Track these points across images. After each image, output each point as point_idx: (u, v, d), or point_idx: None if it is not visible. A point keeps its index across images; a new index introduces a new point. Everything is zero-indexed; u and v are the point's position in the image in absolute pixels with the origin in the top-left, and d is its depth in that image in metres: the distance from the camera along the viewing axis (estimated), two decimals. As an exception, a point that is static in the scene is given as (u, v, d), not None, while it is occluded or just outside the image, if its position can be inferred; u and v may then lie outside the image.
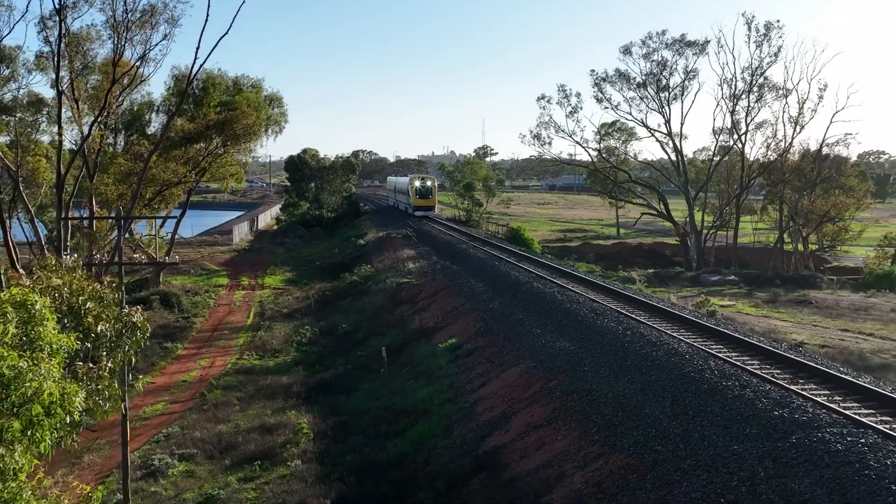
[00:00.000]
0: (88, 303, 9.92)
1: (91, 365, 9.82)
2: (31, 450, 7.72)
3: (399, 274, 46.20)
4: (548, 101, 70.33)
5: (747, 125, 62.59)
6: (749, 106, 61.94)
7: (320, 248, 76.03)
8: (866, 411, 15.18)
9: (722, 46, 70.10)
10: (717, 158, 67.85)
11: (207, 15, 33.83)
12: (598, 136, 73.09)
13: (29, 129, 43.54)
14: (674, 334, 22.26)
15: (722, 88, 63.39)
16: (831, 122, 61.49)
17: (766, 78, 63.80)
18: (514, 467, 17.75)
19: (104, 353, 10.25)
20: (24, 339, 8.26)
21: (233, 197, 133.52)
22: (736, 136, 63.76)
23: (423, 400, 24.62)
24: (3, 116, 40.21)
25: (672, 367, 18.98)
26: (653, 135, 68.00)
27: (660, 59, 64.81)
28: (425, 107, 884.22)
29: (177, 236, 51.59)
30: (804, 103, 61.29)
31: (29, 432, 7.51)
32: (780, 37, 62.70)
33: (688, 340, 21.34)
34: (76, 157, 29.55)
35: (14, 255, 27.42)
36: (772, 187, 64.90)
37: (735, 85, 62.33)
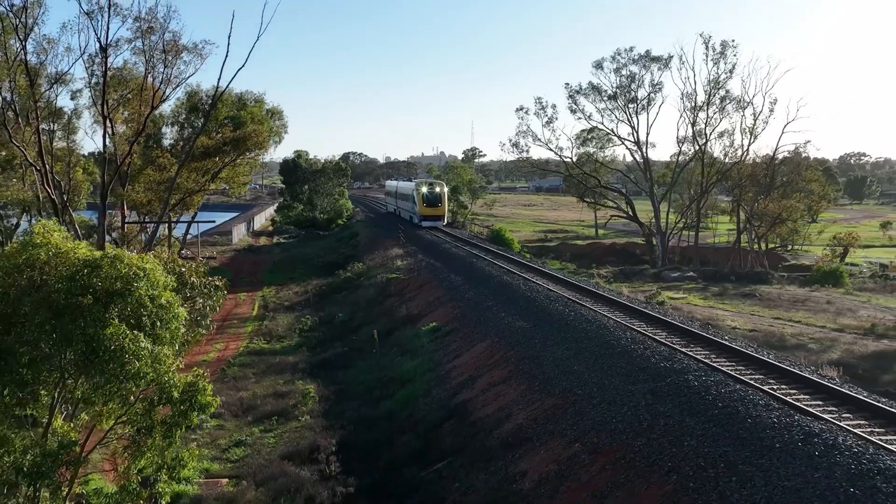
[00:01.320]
0: (182, 267, 15.26)
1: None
2: (172, 345, 13.06)
3: (388, 270, 51.66)
4: (525, 112, 75.94)
5: (707, 135, 68.43)
6: (708, 117, 67.77)
7: (315, 247, 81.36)
8: (727, 363, 20.75)
9: (683, 63, 75.04)
10: (681, 165, 73.55)
11: (228, 51, 38.96)
12: (577, 142, 78.66)
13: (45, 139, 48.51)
14: (607, 315, 27.82)
15: (683, 101, 69.11)
16: (783, 132, 67.02)
17: (727, 91, 69.50)
18: (476, 413, 23.26)
19: (199, 299, 15.66)
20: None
21: (226, 199, 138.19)
22: (697, 147, 69.55)
23: (408, 371, 30.07)
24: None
25: (599, 338, 24.54)
26: (623, 143, 73.83)
27: (628, 73, 70.54)
28: (415, 108, 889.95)
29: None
30: (759, 115, 67.06)
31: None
32: (735, 55, 68.14)
33: (616, 319, 26.92)
34: (111, 168, 34.60)
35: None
36: (730, 192, 70.67)
37: (695, 98, 68.14)
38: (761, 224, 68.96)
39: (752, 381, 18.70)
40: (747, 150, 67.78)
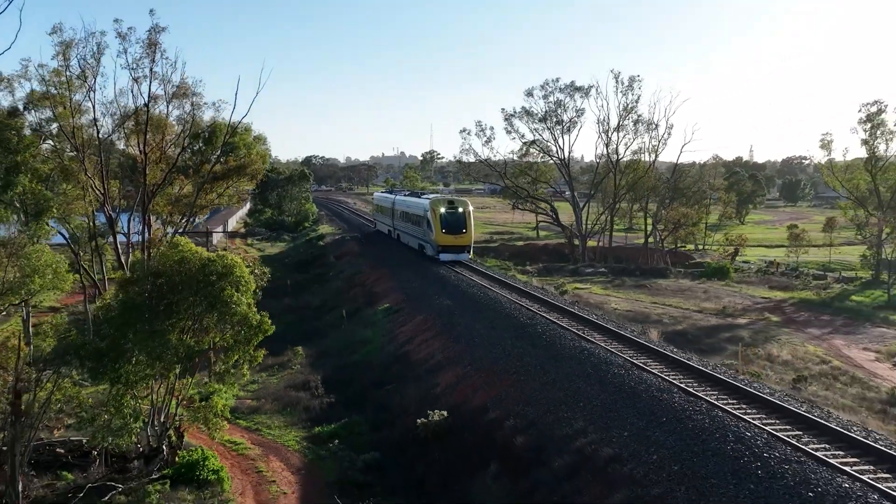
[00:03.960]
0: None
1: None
2: (249, 299, 24.97)
3: (352, 267, 63.77)
4: (468, 133, 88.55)
5: (619, 153, 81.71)
6: (619, 138, 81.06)
7: (286, 247, 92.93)
8: (567, 321, 33.38)
9: (599, 93, 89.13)
10: (598, 178, 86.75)
11: (235, 104, 50.17)
12: (520, 153, 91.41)
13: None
14: (506, 296, 40.44)
15: (599, 125, 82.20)
16: (681, 151, 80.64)
17: (639, 115, 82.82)
18: (413, 357, 35.66)
19: (255, 273, 27.46)
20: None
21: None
22: (610, 164, 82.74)
23: (368, 336, 42.35)
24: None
25: (496, 309, 37.15)
26: (551, 158, 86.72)
27: (555, 99, 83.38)
28: (376, 109, 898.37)
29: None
30: (661, 138, 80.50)
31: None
32: (640, 87, 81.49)
33: (510, 298, 39.56)
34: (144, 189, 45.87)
35: (121, 259, 43.50)
36: (636, 201, 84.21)
37: (608, 123, 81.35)
38: (664, 228, 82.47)
39: (571, 328, 31.46)
40: (650, 166, 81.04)
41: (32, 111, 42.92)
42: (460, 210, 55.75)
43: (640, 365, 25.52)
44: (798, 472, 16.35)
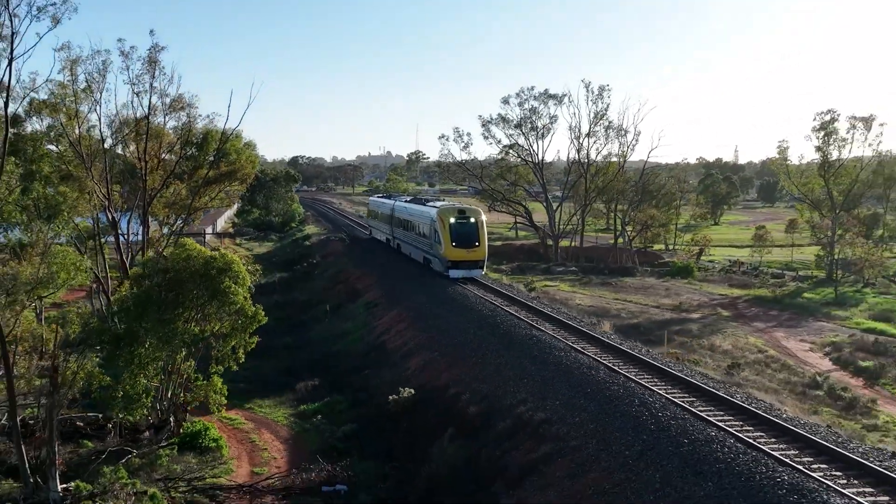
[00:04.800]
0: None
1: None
2: (245, 290, 29.11)
3: (336, 265, 67.98)
4: (446, 139, 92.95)
5: (588, 160, 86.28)
6: (589, 144, 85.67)
7: (273, 247, 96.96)
8: (525, 314, 37.76)
9: (571, 101, 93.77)
10: (570, 182, 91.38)
11: (228, 116, 54.15)
12: (500, 155, 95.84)
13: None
14: (474, 292, 44.80)
15: (571, 132, 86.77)
16: (648, 157, 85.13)
17: (609, 122, 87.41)
18: (388, 345, 39.99)
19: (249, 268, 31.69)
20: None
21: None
22: (582, 168, 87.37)
23: (349, 329, 46.64)
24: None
25: (463, 303, 41.53)
26: (527, 163, 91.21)
27: (530, 107, 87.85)
28: (362, 108, 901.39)
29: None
30: (630, 144, 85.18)
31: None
32: (609, 96, 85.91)
33: (477, 294, 43.91)
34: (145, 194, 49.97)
35: (125, 263, 47.49)
36: (607, 204, 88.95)
37: (580, 129, 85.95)
38: (633, 229, 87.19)
39: (527, 319, 35.90)
40: (619, 170, 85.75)
41: (34, 119, 46.91)
42: (472, 220, 50.45)
43: (578, 348, 29.94)
44: (681, 426, 20.80)
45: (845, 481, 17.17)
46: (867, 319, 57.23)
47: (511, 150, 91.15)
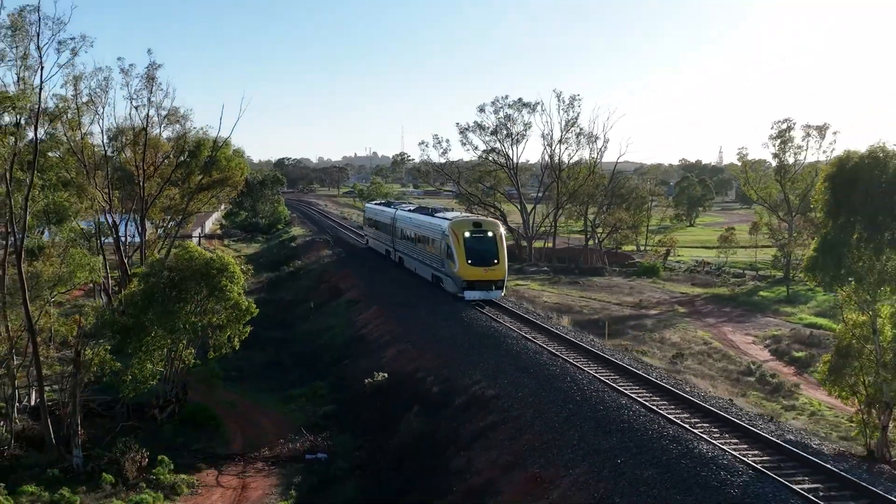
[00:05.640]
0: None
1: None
2: (239, 287, 33.43)
3: (320, 266, 72.28)
4: (426, 146, 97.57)
5: (560, 165, 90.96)
6: (561, 151, 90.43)
7: (260, 248, 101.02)
8: (495, 312, 42.23)
9: (544, 110, 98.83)
10: (544, 185, 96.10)
11: (220, 126, 58.30)
12: (480, 157, 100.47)
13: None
14: (445, 289, 49.23)
15: (544, 139, 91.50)
16: (617, 163, 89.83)
17: (581, 129, 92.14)
18: (367, 338, 44.42)
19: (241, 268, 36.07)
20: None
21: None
22: (554, 174, 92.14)
23: (332, 325, 51.01)
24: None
25: (434, 300, 45.97)
26: (502, 168, 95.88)
27: (505, 115, 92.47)
28: (348, 108, 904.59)
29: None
30: (599, 150, 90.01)
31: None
32: (580, 105, 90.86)
33: (449, 291, 48.37)
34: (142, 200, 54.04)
35: (125, 263, 51.53)
36: (577, 207, 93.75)
37: (552, 137, 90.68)
38: (602, 231, 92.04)
39: (488, 314, 40.39)
40: (588, 175, 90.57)
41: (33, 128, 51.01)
42: (490, 233, 45.53)
43: (529, 338, 34.51)
44: (600, 397, 25.36)
45: (718, 434, 21.78)
46: (811, 315, 62.09)
47: (489, 156, 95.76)
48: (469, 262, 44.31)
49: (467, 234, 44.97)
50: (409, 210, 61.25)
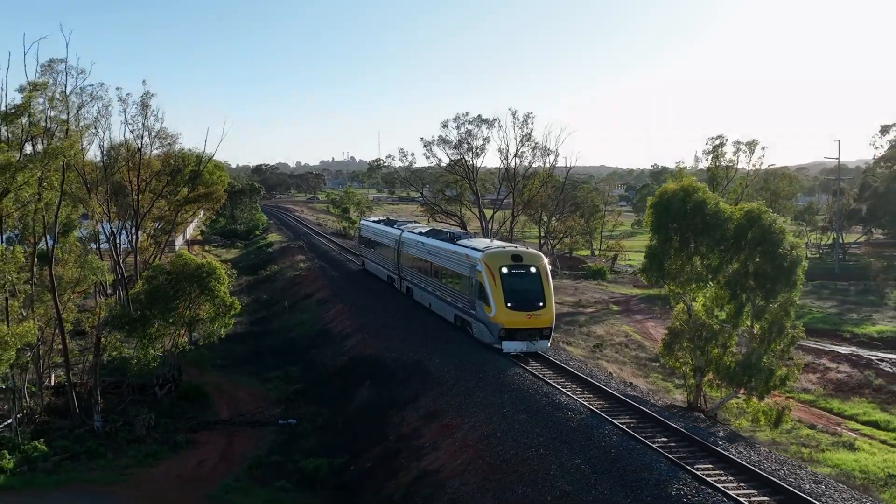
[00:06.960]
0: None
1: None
2: (225, 287, 41.10)
3: (295, 270, 79.84)
4: (392, 158, 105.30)
5: (517, 178, 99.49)
6: (517, 164, 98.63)
7: (239, 253, 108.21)
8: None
9: (501, 126, 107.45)
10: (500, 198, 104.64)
11: (205, 145, 65.13)
12: (449, 167, 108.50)
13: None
14: (396, 288, 57.10)
15: (501, 153, 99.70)
16: (567, 176, 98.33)
17: (536, 143, 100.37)
18: (332, 330, 52.23)
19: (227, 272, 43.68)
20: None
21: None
22: (511, 186, 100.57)
23: (303, 320, 58.71)
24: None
25: (390, 297, 53.80)
26: (464, 180, 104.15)
27: (466, 130, 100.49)
28: (325, 112, 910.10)
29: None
30: (551, 164, 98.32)
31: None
32: (533, 122, 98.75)
33: (398, 289, 56.24)
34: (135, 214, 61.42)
35: (120, 266, 58.73)
36: (531, 216, 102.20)
37: (508, 151, 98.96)
38: (553, 237, 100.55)
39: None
40: (541, 187, 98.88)
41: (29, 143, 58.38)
42: (533, 269, 37.53)
43: (459, 326, 42.65)
44: (518, 381, 33.22)
45: (580, 392, 29.87)
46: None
47: (455, 167, 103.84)
48: (508, 304, 35.99)
49: (505, 270, 36.72)
50: (420, 233, 52.44)
